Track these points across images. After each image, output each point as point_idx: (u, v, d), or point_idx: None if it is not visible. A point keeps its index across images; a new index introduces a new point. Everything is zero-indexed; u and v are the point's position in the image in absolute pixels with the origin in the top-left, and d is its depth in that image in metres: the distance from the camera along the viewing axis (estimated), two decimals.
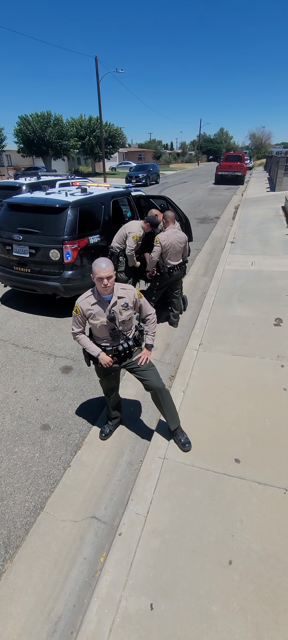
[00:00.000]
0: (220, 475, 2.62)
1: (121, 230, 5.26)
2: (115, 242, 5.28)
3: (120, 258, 5.26)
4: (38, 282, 5.24)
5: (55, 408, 3.57)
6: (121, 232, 5.24)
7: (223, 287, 6.18)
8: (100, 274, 2.39)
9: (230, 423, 3.11)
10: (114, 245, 5.28)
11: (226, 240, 9.56)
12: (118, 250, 5.23)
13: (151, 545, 2.18)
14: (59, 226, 5.04)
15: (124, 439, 3.20)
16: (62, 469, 2.90)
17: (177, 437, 2.88)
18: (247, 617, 1.83)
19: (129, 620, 1.84)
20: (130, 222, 5.30)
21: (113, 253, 5.23)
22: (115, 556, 2.13)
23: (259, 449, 2.83)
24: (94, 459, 2.99)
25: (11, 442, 3.15)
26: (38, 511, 2.57)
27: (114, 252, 5.23)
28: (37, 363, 4.32)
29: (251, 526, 2.26)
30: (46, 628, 1.95)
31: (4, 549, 2.33)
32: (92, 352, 2.65)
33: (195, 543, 2.18)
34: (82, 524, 2.48)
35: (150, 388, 2.77)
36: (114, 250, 5.25)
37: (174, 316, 5.19)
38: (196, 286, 6.73)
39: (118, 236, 5.28)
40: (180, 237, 4.77)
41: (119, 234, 5.27)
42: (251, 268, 7.14)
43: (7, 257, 5.49)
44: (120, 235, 5.23)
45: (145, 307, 2.75)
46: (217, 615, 1.84)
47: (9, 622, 1.97)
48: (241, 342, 4.36)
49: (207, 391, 3.52)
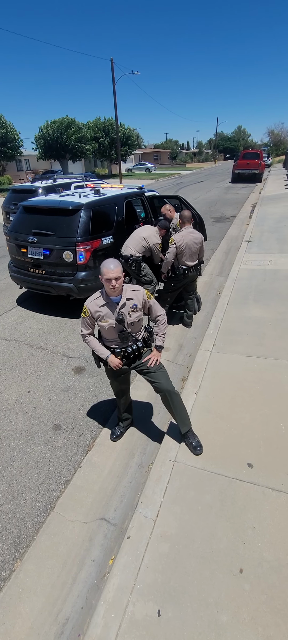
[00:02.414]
0: (232, 480, 2.55)
1: (137, 238, 5.15)
2: (133, 249, 5.10)
3: (142, 264, 5.20)
4: (52, 284, 5.31)
5: (67, 408, 3.59)
6: (139, 241, 5.12)
7: (239, 287, 6.06)
8: (109, 275, 2.38)
9: (243, 426, 3.03)
10: (132, 253, 5.10)
11: (242, 239, 9.38)
12: (139, 257, 5.11)
13: (160, 549, 2.15)
14: (72, 228, 5.08)
15: (135, 440, 3.18)
16: (72, 470, 2.91)
17: (188, 440, 2.83)
18: (257, 629, 1.77)
19: (135, 626, 1.81)
20: (147, 230, 5.21)
21: (135, 260, 5.09)
22: (123, 560, 2.11)
23: (273, 453, 2.74)
24: (105, 460, 2.98)
25: (23, 442, 3.19)
26: (48, 511, 2.58)
27: (136, 259, 5.10)
28: (50, 363, 4.36)
29: (263, 534, 2.19)
30: (54, 629, 1.95)
31: (14, 547, 2.35)
32: (101, 354, 2.64)
33: (204, 549, 2.13)
34: (92, 525, 2.48)
35: (159, 390, 2.73)
36: (134, 258, 5.09)
37: (188, 317, 5.13)
38: (211, 286, 6.63)
39: (136, 244, 5.12)
40: (196, 237, 4.71)
41: (136, 242, 5.12)
42: (268, 267, 6.97)
43: (22, 259, 5.58)
44: (140, 245, 5.10)
45: (155, 308, 2.72)
46: (226, 626, 1.79)
47: (17, 622, 1.98)
48: (256, 343, 4.25)
49: (219, 393, 3.45)
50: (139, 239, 5.14)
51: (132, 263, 5.09)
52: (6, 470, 2.92)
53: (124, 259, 5.12)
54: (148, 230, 5.21)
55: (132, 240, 5.21)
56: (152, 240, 5.10)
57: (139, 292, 2.59)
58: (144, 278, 5.26)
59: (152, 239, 5.11)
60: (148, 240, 5.09)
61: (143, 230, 5.26)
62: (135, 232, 5.29)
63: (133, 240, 5.19)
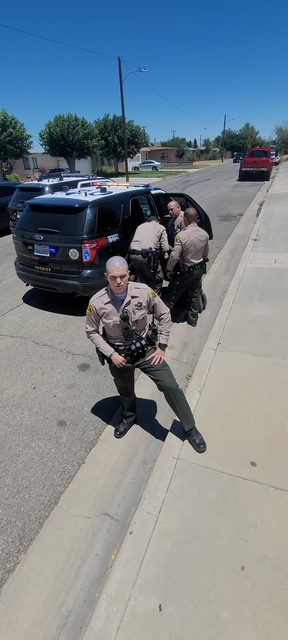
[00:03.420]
0: (234, 478, 2.56)
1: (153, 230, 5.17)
2: (151, 242, 5.08)
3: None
4: (58, 281, 5.35)
5: (72, 405, 3.62)
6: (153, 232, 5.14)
7: (244, 286, 6.03)
8: (114, 272, 2.39)
9: (247, 425, 3.03)
10: (151, 246, 5.06)
11: (249, 237, 9.33)
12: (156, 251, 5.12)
13: (162, 545, 2.16)
14: (78, 226, 5.11)
15: (139, 437, 3.20)
16: (76, 465, 2.94)
17: (192, 438, 2.84)
18: (258, 625, 1.78)
19: (137, 620, 1.83)
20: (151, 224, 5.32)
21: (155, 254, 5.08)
22: (125, 555, 2.13)
23: (277, 452, 2.74)
24: (108, 457, 3.01)
25: (28, 437, 3.23)
26: (52, 505, 2.61)
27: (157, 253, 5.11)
28: (55, 360, 4.40)
29: (265, 532, 2.19)
30: (57, 621, 1.98)
31: (18, 540, 2.39)
32: (105, 352, 2.66)
33: (206, 546, 2.14)
34: (95, 520, 2.51)
35: (163, 388, 2.75)
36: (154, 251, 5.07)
37: (193, 315, 5.13)
38: (216, 285, 6.61)
39: (152, 237, 5.10)
40: (201, 235, 4.70)
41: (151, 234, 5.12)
42: (274, 266, 6.92)
43: (28, 256, 5.64)
44: (154, 236, 5.12)
45: (160, 307, 2.73)
46: (227, 622, 1.80)
47: (21, 612, 2.01)
48: (261, 342, 4.24)
49: (223, 392, 3.45)
50: (154, 232, 5.16)
51: (152, 257, 5.05)
52: (11, 464, 2.96)
53: (142, 253, 5.06)
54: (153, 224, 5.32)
55: (147, 233, 5.16)
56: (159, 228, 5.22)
57: (144, 290, 2.61)
58: (157, 275, 5.30)
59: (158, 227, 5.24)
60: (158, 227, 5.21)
61: (149, 224, 5.33)
62: (146, 228, 5.27)
63: (148, 233, 5.16)
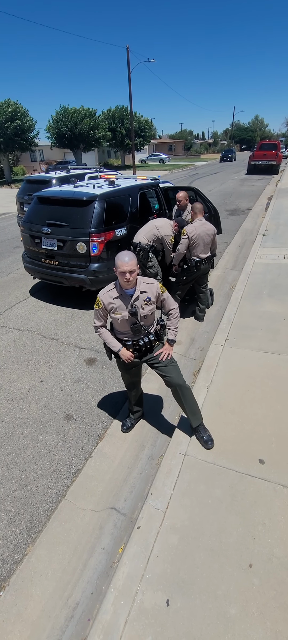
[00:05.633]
0: (242, 476, 2.54)
1: (150, 226, 5.14)
2: (144, 237, 5.11)
3: (149, 254, 5.19)
4: (65, 275, 5.34)
5: (79, 399, 3.63)
6: (151, 228, 5.10)
7: (253, 282, 5.97)
8: (123, 267, 2.37)
9: (255, 422, 3.01)
10: (142, 240, 5.10)
11: (257, 232, 9.22)
12: (147, 246, 5.10)
13: (169, 541, 2.16)
14: (85, 219, 5.09)
15: (146, 432, 3.20)
16: (83, 459, 2.95)
17: (199, 434, 2.82)
18: (266, 623, 1.77)
19: (144, 614, 1.84)
20: (161, 221, 5.19)
21: (142, 249, 5.08)
22: (132, 549, 2.14)
23: (285, 450, 2.71)
24: (115, 451, 3.02)
25: (36, 430, 3.25)
26: (60, 498, 2.63)
27: (144, 247, 5.09)
28: (62, 354, 4.42)
29: (274, 530, 2.18)
30: (64, 613, 2.00)
31: (26, 532, 2.41)
32: (113, 347, 2.65)
33: (214, 543, 2.13)
34: (102, 514, 2.52)
35: (170, 384, 2.73)
36: (143, 246, 5.08)
37: (200, 310, 5.10)
38: (224, 280, 6.56)
39: (147, 232, 5.12)
40: (208, 229, 4.66)
41: (148, 230, 5.12)
42: (283, 262, 6.84)
43: (36, 249, 5.64)
44: (151, 232, 5.09)
45: (168, 302, 2.71)
46: (234, 619, 1.79)
47: (29, 604, 2.04)
48: (270, 339, 4.19)
49: (231, 388, 3.43)
50: (151, 227, 5.12)
51: (140, 251, 5.06)
52: (19, 457, 2.99)
53: (133, 246, 5.11)
54: (162, 221, 5.18)
55: (144, 229, 5.19)
56: (164, 231, 5.04)
57: (153, 285, 2.58)
58: (149, 270, 5.22)
59: (164, 229, 5.05)
60: (160, 230, 5.04)
61: (157, 220, 5.25)
62: (149, 222, 5.27)
63: (145, 228, 5.18)
